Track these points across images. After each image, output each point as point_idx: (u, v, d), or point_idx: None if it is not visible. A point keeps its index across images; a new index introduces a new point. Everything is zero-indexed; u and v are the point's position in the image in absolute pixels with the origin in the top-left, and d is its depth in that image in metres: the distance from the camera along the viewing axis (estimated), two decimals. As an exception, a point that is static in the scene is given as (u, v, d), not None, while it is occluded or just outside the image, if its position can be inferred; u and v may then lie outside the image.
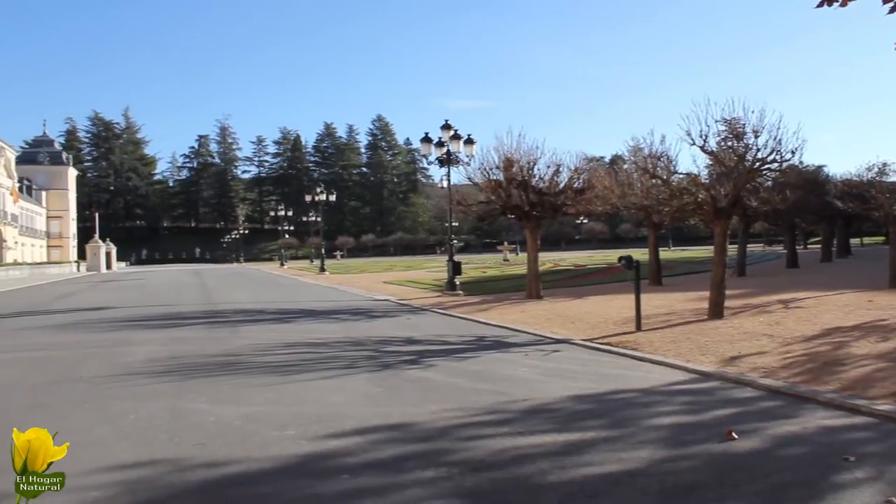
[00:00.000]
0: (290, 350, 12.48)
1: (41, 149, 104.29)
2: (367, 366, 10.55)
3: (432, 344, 13.04)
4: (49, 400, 8.55)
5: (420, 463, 5.58)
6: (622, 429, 6.55)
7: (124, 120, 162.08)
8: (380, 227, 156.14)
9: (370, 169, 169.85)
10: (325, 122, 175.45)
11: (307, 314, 19.89)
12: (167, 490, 5.17)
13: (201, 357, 11.80)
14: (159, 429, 6.92)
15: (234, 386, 9.11)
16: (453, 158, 26.62)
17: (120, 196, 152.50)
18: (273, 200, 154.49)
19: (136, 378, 9.87)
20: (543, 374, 9.57)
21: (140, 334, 15.56)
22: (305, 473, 5.44)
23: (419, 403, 7.79)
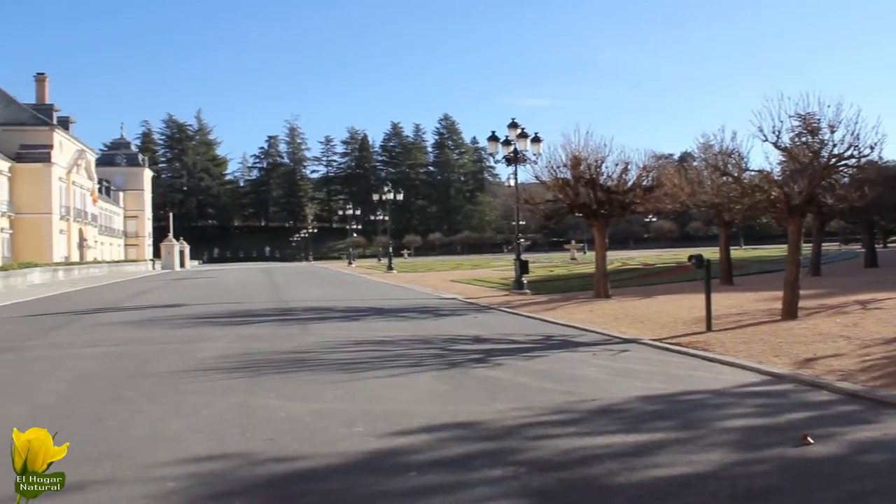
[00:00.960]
0: (359, 348, 12.61)
1: (119, 151, 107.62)
2: (434, 364, 10.59)
3: (499, 343, 13.03)
4: (127, 393, 8.82)
5: (487, 462, 5.58)
6: (692, 430, 6.44)
7: (197, 122, 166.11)
8: (447, 226, 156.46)
9: (437, 168, 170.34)
10: (392, 122, 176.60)
11: (375, 312, 20.07)
12: (238, 483, 5.28)
13: (271, 354, 12.00)
14: (231, 423, 7.07)
15: (303, 382, 9.25)
16: (520, 157, 26.52)
17: (193, 196, 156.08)
18: (341, 200, 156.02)
19: (209, 374, 10.10)
20: (612, 374, 9.47)
21: (212, 331, 15.90)
22: (373, 470, 5.49)
23: (486, 402, 7.79)
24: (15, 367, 11.45)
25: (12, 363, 11.95)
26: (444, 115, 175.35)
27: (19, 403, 8.42)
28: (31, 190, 62.21)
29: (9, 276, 38.86)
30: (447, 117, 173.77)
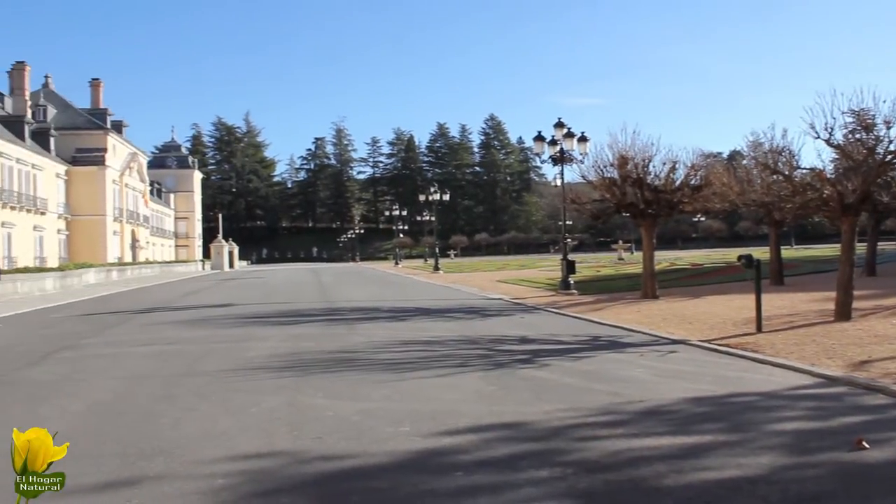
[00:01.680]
0: (406, 348, 12.68)
1: (170, 154, 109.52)
2: (480, 364, 10.60)
3: (546, 343, 12.99)
4: (178, 391, 9.00)
5: (534, 462, 5.57)
6: (742, 433, 6.36)
7: (245, 124, 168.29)
8: (493, 226, 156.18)
9: (483, 168, 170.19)
10: (438, 123, 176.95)
11: (422, 312, 20.14)
12: (286, 481, 5.36)
13: (319, 353, 12.13)
14: (279, 422, 7.16)
15: (351, 382, 9.33)
16: (567, 156, 26.40)
17: (241, 197, 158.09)
18: (388, 200, 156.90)
19: (258, 373, 10.25)
20: (659, 375, 9.39)
21: (261, 330, 16.12)
22: (420, 469, 5.52)
23: (533, 402, 7.78)
24: (73, 365, 11.75)
25: (70, 361, 12.26)
26: (490, 115, 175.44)
27: (77, 400, 8.64)
28: (86, 192, 63.62)
29: (65, 276, 39.79)
30: (493, 117, 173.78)
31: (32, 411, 8.12)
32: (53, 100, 68.78)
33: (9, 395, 9.22)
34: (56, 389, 9.50)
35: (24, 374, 10.92)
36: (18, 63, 63.18)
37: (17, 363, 12.08)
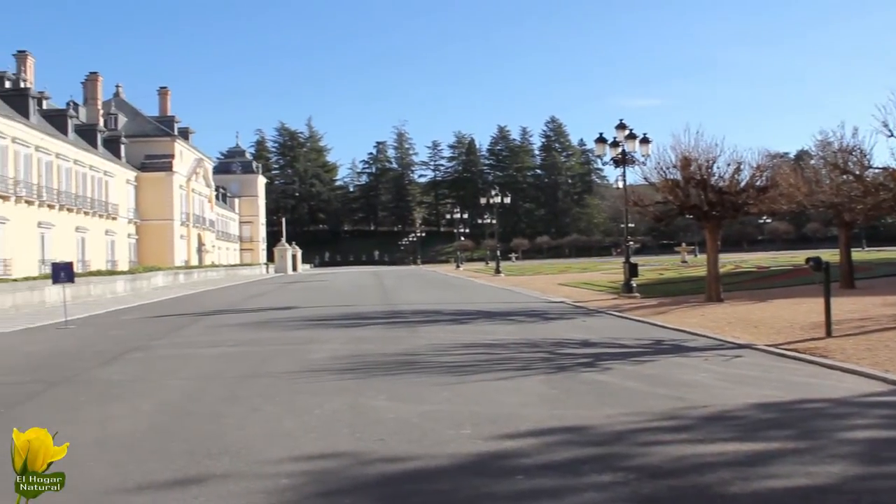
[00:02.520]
0: (467, 350, 12.70)
1: (234, 159, 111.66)
2: (542, 367, 10.57)
3: (608, 347, 12.88)
4: (243, 392, 9.17)
5: (596, 467, 5.53)
6: (811, 440, 6.21)
7: (308, 129, 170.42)
8: (554, 229, 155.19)
9: (544, 171, 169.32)
10: (499, 125, 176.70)
11: (483, 315, 20.14)
12: (349, 482, 5.42)
13: (381, 356, 12.22)
14: (342, 423, 7.24)
15: (412, 384, 9.38)
16: (628, 158, 26.12)
17: (304, 202, 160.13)
18: (449, 203, 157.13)
19: (321, 374, 10.37)
20: (724, 380, 9.22)
21: (323, 333, 16.31)
22: (481, 472, 5.53)
23: (595, 406, 7.73)
24: (143, 366, 12.08)
25: (140, 361, 12.60)
26: (550, 117, 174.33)
27: (146, 400, 8.88)
28: (154, 197, 65.22)
29: (135, 279, 40.88)
30: (554, 119, 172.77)
31: (105, 410, 8.37)
32: (124, 108, 70.80)
33: (83, 393, 9.52)
34: (127, 389, 9.78)
35: (98, 374, 11.26)
36: (91, 74, 65.28)
37: (90, 363, 12.47)
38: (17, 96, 47.00)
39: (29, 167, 44.22)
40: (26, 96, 47.44)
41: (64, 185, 48.87)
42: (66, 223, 48.92)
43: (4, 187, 40.82)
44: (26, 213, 43.38)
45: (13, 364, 12.84)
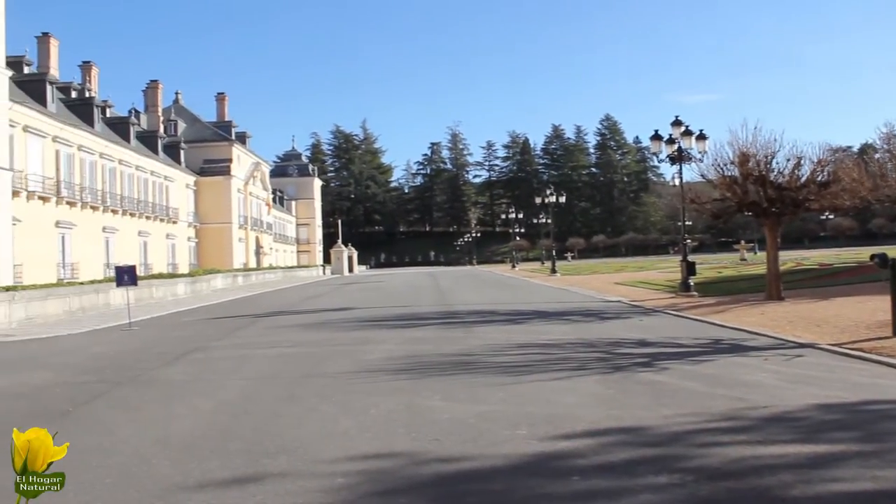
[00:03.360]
0: (522, 350, 12.66)
1: (291, 162, 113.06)
2: (598, 368, 10.49)
3: (665, 346, 12.71)
4: (300, 392, 9.29)
5: (652, 468, 5.47)
6: (878, 443, 6.04)
7: (362, 132, 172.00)
8: (610, 228, 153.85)
9: (599, 169, 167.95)
10: (553, 124, 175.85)
11: (538, 315, 20.06)
12: (404, 481, 5.45)
13: (436, 356, 12.26)
14: (397, 423, 7.28)
15: (467, 385, 9.39)
16: (685, 155, 25.74)
17: (360, 203, 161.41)
18: (504, 203, 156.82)
19: (376, 375, 10.45)
20: (785, 381, 9.03)
21: (379, 333, 16.42)
22: (536, 473, 5.51)
23: (651, 407, 7.64)
24: (202, 366, 12.32)
25: (200, 362, 12.86)
26: (605, 115, 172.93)
27: (206, 400, 9.05)
28: (213, 201, 66.42)
29: (195, 281, 41.67)
30: (609, 117, 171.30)
31: (167, 409, 8.56)
32: (183, 114, 72.33)
33: (146, 393, 9.76)
34: (188, 389, 9.98)
35: (160, 374, 11.53)
36: (152, 82, 66.83)
37: (153, 363, 12.76)
38: (83, 105, 48.37)
39: (94, 174, 45.47)
40: (91, 105, 48.78)
41: (127, 190, 50.12)
42: (129, 227, 50.15)
43: (71, 194, 42.02)
44: (92, 218, 44.59)
45: (81, 364, 13.21)
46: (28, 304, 22.36)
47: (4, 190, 31.44)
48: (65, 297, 24.99)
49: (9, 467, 2.18)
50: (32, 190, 37.76)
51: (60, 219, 40.79)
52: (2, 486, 4.01)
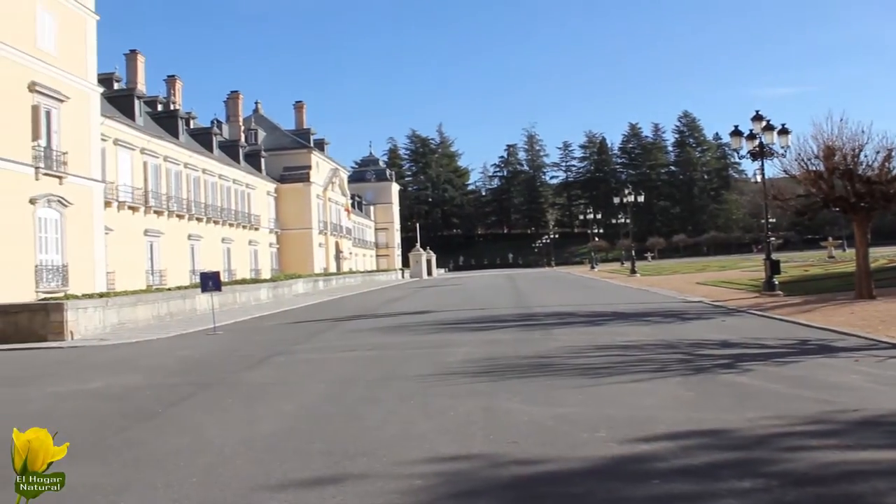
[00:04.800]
0: (601, 352, 12.53)
1: (368, 168, 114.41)
2: (679, 369, 10.30)
3: (749, 347, 12.41)
4: (379, 395, 9.38)
5: (735, 472, 5.34)
6: (977, 447, 5.77)
7: (438, 136, 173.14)
8: (691, 227, 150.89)
9: (678, 167, 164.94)
10: (630, 123, 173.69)
11: (618, 316, 19.82)
12: (482, 483, 5.45)
13: (515, 358, 12.23)
14: (476, 425, 7.29)
15: (545, 387, 9.34)
16: (767, 150, 25.05)
17: (437, 207, 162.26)
18: (581, 204, 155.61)
19: (455, 377, 10.48)
20: (878, 383, 8.71)
21: (458, 336, 16.47)
22: (615, 476, 5.44)
23: (734, 409, 7.46)
24: (284, 370, 12.57)
25: (283, 365, 13.13)
26: (683, 111, 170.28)
27: (288, 401, 9.23)
28: (293, 208, 67.69)
29: (277, 286, 42.50)
30: (687, 114, 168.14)
31: (250, 411, 8.77)
32: (263, 123, 73.99)
33: (230, 396, 10.01)
34: (270, 391, 10.20)
35: (243, 377, 11.81)
36: (233, 93, 68.62)
37: (237, 366, 13.09)
38: (168, 118, 49.97)
39: (179, 183, 46.90)
40: (176, 117, 50.37)
41: (210, 198, 51.53)
42: (213, 235, 51.52)
43: (158, 203, 43.43)
44: (178, 226, 45.98)
45: (169, 367, 13.63)
46: (120, 309, 23.18)
47: (98, 201, 32.73)
48: (153, 302, 25.81)
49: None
50: (123, 200, 39.20)
51: (149, 227, 42.20)
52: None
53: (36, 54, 28.38)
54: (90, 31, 32.43)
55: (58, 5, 29.97)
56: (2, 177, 26.25)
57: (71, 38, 30.88)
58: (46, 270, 28.34)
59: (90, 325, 21.08)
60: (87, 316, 21.05)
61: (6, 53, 26.69)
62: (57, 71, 29.56)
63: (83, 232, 31.02)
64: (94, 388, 11.38)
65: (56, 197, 29.16)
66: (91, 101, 32.54)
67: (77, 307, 20.67)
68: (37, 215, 28.16)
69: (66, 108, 30.03)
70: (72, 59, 30.83)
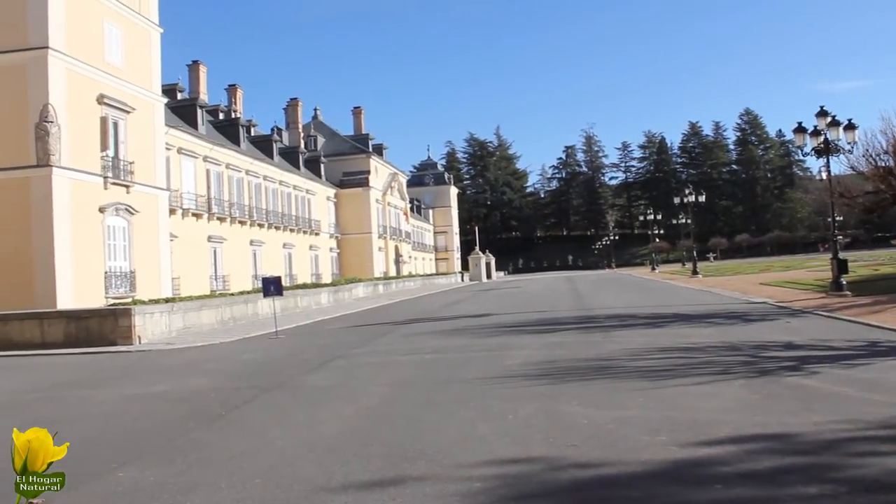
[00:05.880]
0: (662, 355, 12.37)
1: (427, 171, 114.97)
2: (742, 372, 10.11)
3: (815, 349, 12.11)
4: (439, 398, 9.41)
5: (801, 477, 5.22)
6: None
7: (496, 138, 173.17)
8: (754, 226, 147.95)
9: (740, 166, 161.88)
10: (690, 122, 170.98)
11: (679, 318, 19.53)
12: (541, 486, 5.43)
13: (574, 361, 12.15)
14: (535, 428, 7.27)
15: (606, 389, 9.27)
16: (832, 147, 24.42)
17: (496, 210, 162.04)
18: (641, 205, 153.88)
19: (514, 380, 10.46)
20: (952, 385, 8.43)
21: (517, 339, 16.42)
22: (676, 480, 5.37)
23: (800, 413, 7.30)
24: (345, 373, 12.70)
25: (343, 369, 13.26)
26: (745, 109, 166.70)
27: (348, 404, 9.33)
28: (352, 213, 68.40)
29: (337, 290, 42.95)
30: (748, 112, 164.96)
31: (311, 413, 8.88)
32: (322, 130, 74.92)
33: (291, 398, 10.16)
34: (331, 394, 10.31)
35: (304, 380, 11.97)
36: (292, 100, 69.67)
37: (298, 370, 13.27)
38: (229, 126, 50.96)
39: (241, 190, 47.77)
40: (237, 125, 51.32)
41: (271, 204, 52.35)
42: (275, 240, 52.31)
43: (221, 210, 44.29)
44: (240, 232, 46.83)
45: (232, 370, 13.89)
46: (185, 314, 23.70)
47: (163, 208, 33.57)
48: (217, 307, 26.32)
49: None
50: (187, 207, 40.10)
51: (212, 233, 43.05)
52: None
53: (104, 68, 29.26)
54: (154, 43, 33.33)
55: (124, 20, 30.85)
56: (74, 187, 27.10)
57: (137, 51, 31.76)
58: (115, 277, 29.14)
59: (156, 329, 21.62)
60: (153, 320, 21.59)
61: (77, 68, 27.57)
62: (124, 83, 30.42)
63: (149, 239, 31.84)
64: (161, 391, 11.66)
65: (124, 205, 29.99)
66: (156, 111, 33.41)
67: (144, 312, 21.21)
68: (105, 223, 28.98)
69: (132, 119, 30.88)
70: (137, 71, 31.70)
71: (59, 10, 26.76)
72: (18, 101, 26.32)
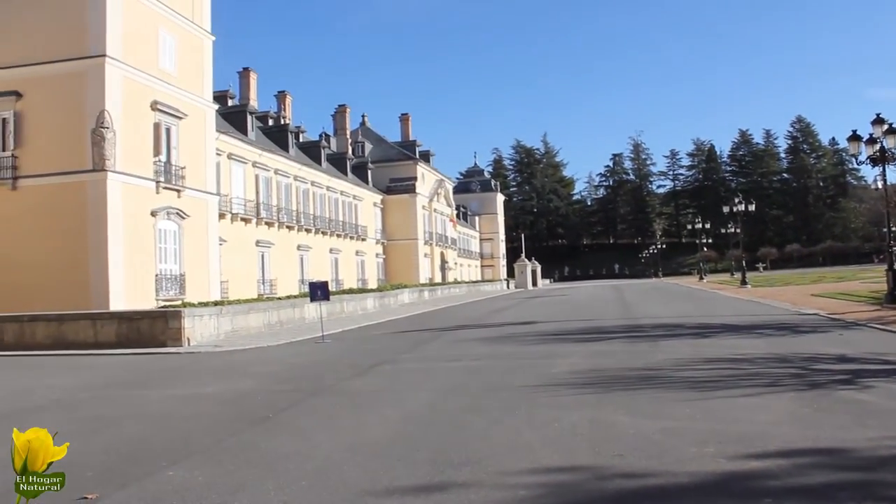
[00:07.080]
0: (710, 365, 12.21)
1: (473, 178, 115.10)
2: (792, 384, 9.93)
3: (869, 363, 11.85)
4: (484, 405, 9.41)
5: (854, 494, 5.11)
6: None
7: (543, 146, 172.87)
8: (805, 236, 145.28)
9: (792, 174, 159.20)
10: (740, 130, 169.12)
11: (727, 329, 19.26)
12: (586, 496, 5.40)
13: (621, 370, 12.05)
14: (581, 438, 7.23)
15: (652, 400, 9.17)
16: (888, 155, 23.88)
17: (542, 217, 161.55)
18: (689, 213, 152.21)
19: (560, 388, 10.41)
20: None
21: (563, 347, 16.34)
22: (724, 493, 5.29)
23: (854, 428, 7.14)
24: (391, 378, 12.77)
25: (389, 374, 13.33)
26: (797, 117, 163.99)
27: (394, 410, 9.37)
28: (399, 219, 68.78)
29: (383, 296, 43.15)
30: (800, 119, 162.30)
31: (357, 418, 8.94)
32: (369, 136, 75.51)
33: (337, 402, 10.24)
34: (377, 399, 10.37)
35: (350, 385, 12.05)
36: (340, 107, 70.40)
37: (344, 374, 13.37)
38: (278, 132, 51.65)
39: (289, 195, 48.35)
40: (286, 132, 52.00)
41: (318, 210, 52.90)
42: (321, 245, 52.80)
43: (269, 215, 44.87)
44: (287, 237, 47.38)
45: (279, 374, 14.05)
46: (234, 317, 24.03)
47: (213, 213, 34.13)
48: (264, 311, 26.63)
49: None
50: (236, 212, 40.72)
51: (260, 238, 43.63)
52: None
53: (158, 75, 29.91)
54: (207, 51, 33.97)
55: (178, 28, 31.50)
56: (127, 191, 27.71)
57: (189, 59, 32.40)
58: (165, 279, 29.69)
59: (205, 331, 21.95)
60: (202, 323, 21.93)
61: (132, 75, 28.22)
62: (176, 90, 31.04)
63: (199, 242, 32.39)
64: (210, 392, 11.85)
65: (175, 209, 30.55)
66: (207, 117, 34.02)
67: (193, 314, 21.56)
68: (157, 227, 29.56)
69: (184, 125, 31.48)
70: (190, 78, 32.33)
71: (116, 19, 27.44)
72: (76, 107, 27.04)
